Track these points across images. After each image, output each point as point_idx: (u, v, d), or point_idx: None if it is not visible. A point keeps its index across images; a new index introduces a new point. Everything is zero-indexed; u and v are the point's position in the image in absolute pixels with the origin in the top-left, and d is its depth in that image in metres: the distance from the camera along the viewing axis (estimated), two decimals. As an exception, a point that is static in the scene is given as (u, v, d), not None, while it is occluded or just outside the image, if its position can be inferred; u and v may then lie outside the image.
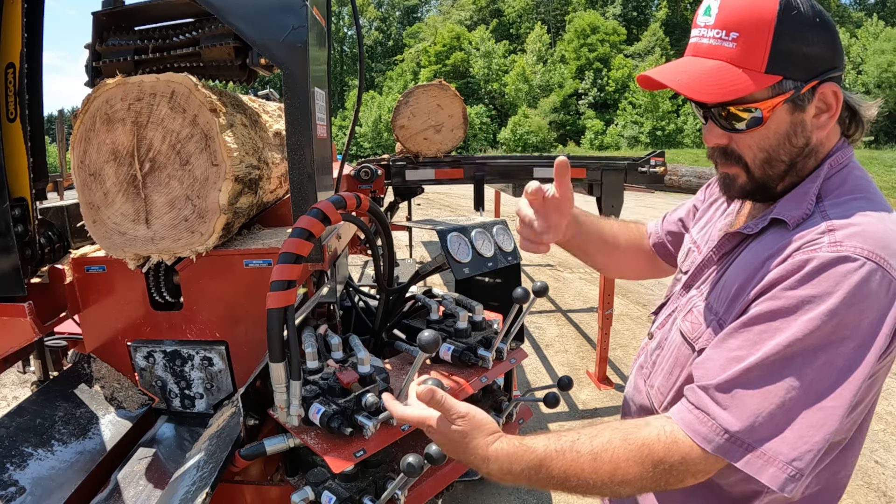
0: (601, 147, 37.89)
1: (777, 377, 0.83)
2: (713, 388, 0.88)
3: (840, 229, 0.85)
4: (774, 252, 0.89)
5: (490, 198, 6.95)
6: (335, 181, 1.94)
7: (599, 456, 0.90)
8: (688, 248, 1.25)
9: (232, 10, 1.48)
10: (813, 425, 0.81)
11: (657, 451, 0.89)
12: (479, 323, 1.69)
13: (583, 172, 3.93)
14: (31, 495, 1.38)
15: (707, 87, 0.90)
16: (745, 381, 0.85)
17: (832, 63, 0.91)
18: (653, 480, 0.89)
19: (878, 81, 31.86)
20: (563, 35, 45.84)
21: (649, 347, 1.21)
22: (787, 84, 0.90)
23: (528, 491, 3.19)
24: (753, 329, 0.87)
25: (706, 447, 0.86)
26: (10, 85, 1.60)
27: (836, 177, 0.95)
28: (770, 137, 0.94)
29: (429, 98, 3.77)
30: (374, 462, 1.33)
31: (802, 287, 0.83)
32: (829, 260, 0.82)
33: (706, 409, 0.88)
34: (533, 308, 1.57)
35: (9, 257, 1.58)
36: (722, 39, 0.90)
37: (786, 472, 0.81)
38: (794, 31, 0.87)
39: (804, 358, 0.82)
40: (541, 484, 0.93)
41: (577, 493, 0.93)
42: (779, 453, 0.82)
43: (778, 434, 0.82)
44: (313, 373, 1.34)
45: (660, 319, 1.21)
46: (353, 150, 35.17)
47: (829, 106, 0.92)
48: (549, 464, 0.92)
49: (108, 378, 1.75)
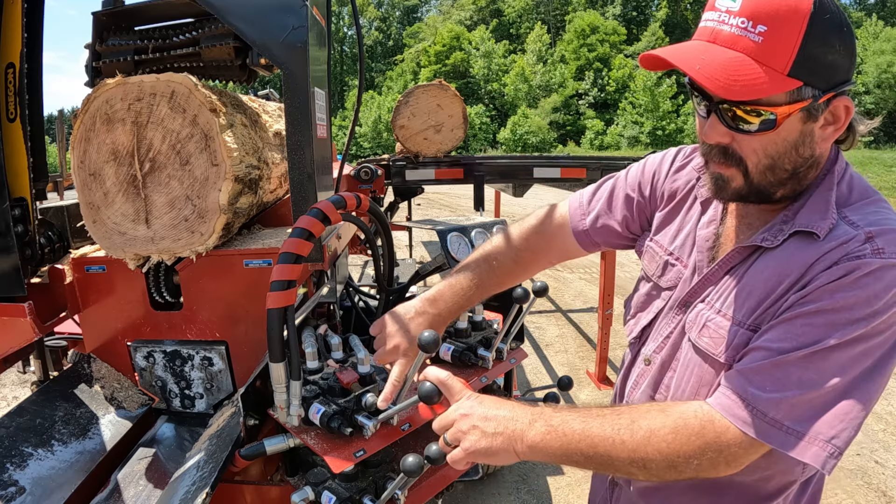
0: (601, 147, 37.88)
1: (817, 365, 0.85)
2: (752, 374, 0.89)
3: (878, 236, 0.87)
4: (815, 259, 0.89)
5: (490, 198, 6.94)
6: (335, 181, 1.94)
7: (637, 422, 0.91)
8: (664, 260, 1.16)
9: (232, 10, 1.48)
10: (849, 406, 0.85)
11: (692, 424, 0.89)
12: (479, 323, 1.69)
13: (583, 172, 3.93)
14: (31, 495, 1.38)
15: (726, 81, 0.82)
16: (787, 367, 0.87)
17: (848, 75, 0.87)
18: (685, 456, 0.88)
19: (878, 81, 31.85)
20: (562, 35, 45.86)
21: (654, 372, 1.13)
22: (807, 91, 0.84)
23: (528, 491, 3.19)
24: (796, 323, 0.88)
25: (745, 429, 0.87)
26: (10, 85, 1.60)
27: (843, 182, 0.96)
28: (778, 144, 0.89)
29: (429, 98, 3.77)
30: (374, 462, 1.33)
31: (850, 291, 0.85)
32: (879, 267, 0.85)
33: (744, 392, 0.89)
34: (533, 308, 1.57)
35: (9, 257, 1.58)
36: (747, 30, 0.83)
37: (826, 450, 0.84)
38: (823, 34, 0.82)
39: (843, 350, 0.85)
40: (571, 447, 0.93)
41: (606, 463, 0.92)
42: (819, 433, 0.84)
43: (817, 415, 0.85)
44: (313, 373, 1.34)
45: (656, 342, 1.14)
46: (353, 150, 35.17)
47: (836, 119, 0.90)
48: (592, 432, 0.92)
49: (108, 378, 1.75)
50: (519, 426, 0.95)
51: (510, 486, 3.21)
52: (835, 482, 3.21)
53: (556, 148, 38.93)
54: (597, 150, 37.15)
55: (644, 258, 1.24)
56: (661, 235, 1.20)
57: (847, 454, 3.44)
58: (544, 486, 3.24)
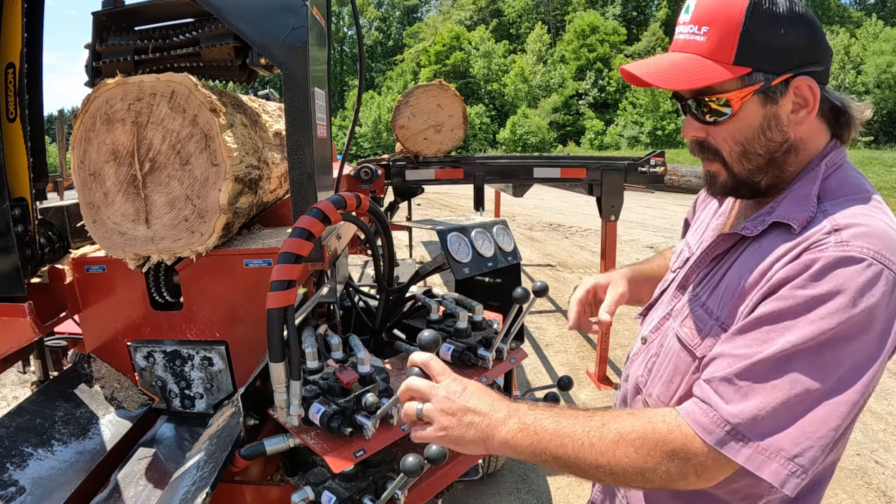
0: (601, 147, 37.85)
1: (782, 373, 0.83)
2: (717, 381, 0.88)
3: (845, 229, 0.85)
4: (781, 254, 0.89)
5: (490, 198, 6.95)
6: (335, 181, 1.94)
7: (607, 425, 0.91)
8: (680, 249, 1.25)
9: (232, 11, 1.48)
10: (815, 422, 0.81)
11: (660, 429, 0.88)
12: (479, 323, 1.69)
13: (583, 172, 3.93)
14: (31, 495, 1.38)
15: (673, 76, 0.93)
16: (750, 375, 0.85)
17: (810, 58, 0.91)
18: (653, 462, 0.87)
19: (878, 82, 31.84)
20: (562, 35, 45.85)
21: (646, 353, 1.17)
22: (757, 76, 0.91)
23: (528, 491, 3.19)
24: (761, 328, 0.87)
25: (706, 438, 0.85)
26: (10, 85, 1.60)
27: (833, 178, 0.95)
28: (743, 130, 0.95)
29: (429, 98, 3.77)
30: (374, 462, 1.33)
31: (810, 286, 0.83)
32: (837, 259, 0.82)
33: (709, 400, 0.88)
34: (533, 308, 1.57)
35: (9, 257, 1.58)
36: (694, 34, 0.94)
37: (787, 468, 0.81)
38: (764, 23, 0.89)
39: (811, 355, 0.82)
40: (541, 446, 0.92)
41: (577, 467, 0.91)
42: (781, 449, 0.81)
43: (780, 430, 0.82)
44: (313, 373, 1.34)
45: (653, 322, 1.18)
46: (353, 150, 35.17)
47: (806, 101, 0.93)
48: (562, 439, 0.92)
49: (108, 378, 1.75)
50: (493, 422, 0.95)
51: (510, 486, 3.21)
52: (835, 482, 3.21)
53: (555, 148, 38.91)
54: (597, 150, 37.11)
55: (675, 251, 1.31)
56: (689, 231, 1.29)
57: (847, 454, 3.43)
58: (544, 486, 3.24)
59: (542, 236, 11.19)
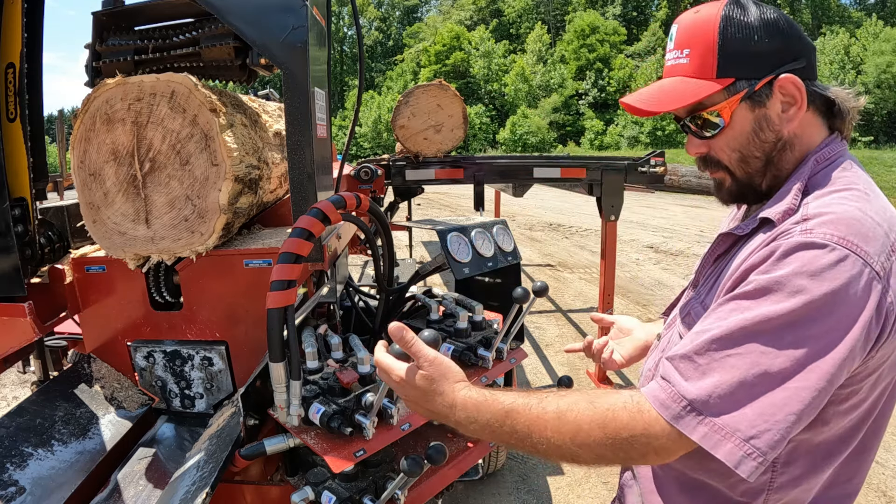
0: (601, 147, 37.84)
1: (741, 352, 0.83)
2: (678, 359, 0.89)
3: (813, 218, 0.86)
4: (757, 245, 0.91)
5: (490, 198, 6.95)
6: (335, 181, 1.94)
7: (564, 415, 0.90)
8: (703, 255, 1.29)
9: (232, 11, 1.48)
10: (775, 404, 0.80)
11: (621, 417, 0.88)
12: (479, 323, 1.69)
13: (583, 172, 3.92)
14: (31, 495, 1.38)
15: (664, 99, 1.00)
16: (709, 352, 0.85)
17: (789, 56, 0.95)
18: (613, 448, 0.88)
19: (878, 82, 31.81)
20: (562, 35, 45.84)
21: (657, 349, 1.21)
22: (741, 84, 0.96)
23: (528, 491, 3.19)
24: (724, 307, 0.88)
25: (664, 414, 0.85)
26: (10, 85, 1.60)
27: (823, 172, 0.96)
28: (738, 137, 1.00)
29: (429, 98, 3.77)
30: (374, 462, 1.33)
31: (772, 271, 0.84)
32: (797, 244, 0.83)
33: (668, 377, 0.89)
34: (533, 308, 1.57)
35: (9, 257, 1.58)
36: (678, 58, 1.01)
37: (742, 449, 0.80)
38: (737, 35, 0.95)
39: (770, 336, 0.82)
40: (504, 438, 0.93)
41: (538, 452, 0.92)
42: (736, 429, 0.81)
43: (737, 409, 0.81)
44: (313, 373, 1.34)
45: (669, 319, 1.22)
46: (353, 150, 35.16)
47: (794, 97, 0.96)
48: (515, 416, 0.92)
49: (108, 378, 1.75)
50: (446, 412, 0.97)
51: (510, 486, 3.21)
52: (835, 482, 3.20)
53: (555, 148, 38.90)
54: (597, 150, 37.10)
55: None
56: None
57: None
58: (544, 486, 3.24)
59: (542, 236, 11.19)
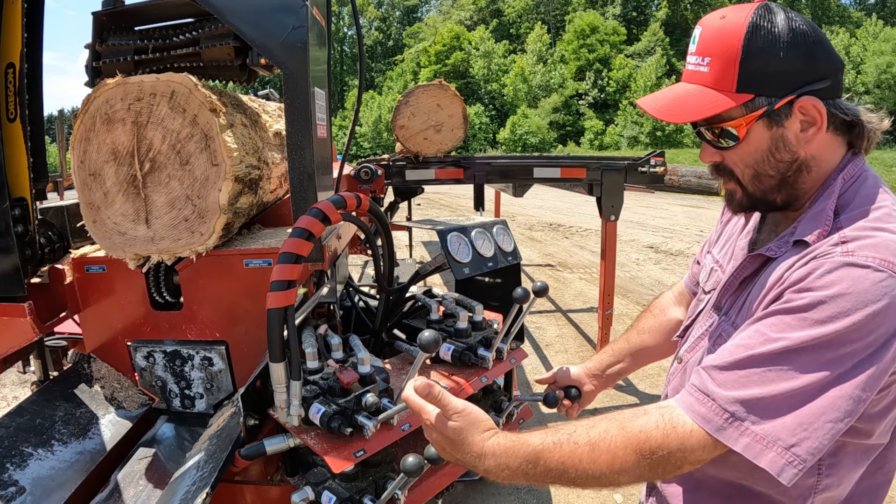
0: (601, 147, 37.84)
1: (782, 368, 0.84)
2: (717, 370, 0.89)
3: (852, 241, 0.86)
4: (792, 263, 0.91)
5: (490, 198, 6.94)
6: (335, 181, 1.94)
7: (597, 446, 0.91)
8: (710, 267, 1.25)
9: (232, 11, 1.48)
10: (813, 413, 0.82)
11: (655, 438, 0.89)
12: (479, 323, 1.69)
13: (583, 172, 3.92)
14: (31, 495, 1.38)
15: (681, 110, 0.97)
16: (750, 365, 0.86)
17: (813, 76, 0.92)
18: (650, 468, 0.89)
19: (878, 82, 31.83)
20: (562, 35, 45.82)
21: (682, 372, 1.18)
22: (760, 101, 0.93)
23: (528, 491, 3.19)
24: (765, 322, 0.88)
25: (706, 427, 0.87)
26: (10, 85, 1.60)
27: (850, 191, 0.96)
28: (752, 153, 0.97)
29: (429, 98, 3.77)
30: (374, 462, 1.33)
31: (815, 289, 0.84)
32: (840, 264, 0.84)
33: (707, 389, 0.89)
34: (533, 308, 1.57)
35: (9, 257, 1.58)
36: (699, 65, 0.97)
37: (784, 457, 0.82)
38: (762, 50, 0.91)
39: (811, 354, 0.83)
40: (539, 478, 0.93)
41: (576, 485, 0.93)
42: (778, 438, 0.83)
43: (777, 419, 0.83)
44: (313, 373, 1.34)
45: (689, 342, 1.18)
46: (353, 150, 35.15)
47: (813, 119, 0.93)
48: (547, 456, 0.92)
49: (108, 378, 1.75)
50: (474, 463, 0.96)
51: (510, 487, 3.21)
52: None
53: (555, 148, 38.91)
54: (596, 150, 37.09)
55: (702, 270, 1.30)
56: (716, 247, 1.28)
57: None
58: (544, 486, 3.24)
59: (542, 236, 11.19)
